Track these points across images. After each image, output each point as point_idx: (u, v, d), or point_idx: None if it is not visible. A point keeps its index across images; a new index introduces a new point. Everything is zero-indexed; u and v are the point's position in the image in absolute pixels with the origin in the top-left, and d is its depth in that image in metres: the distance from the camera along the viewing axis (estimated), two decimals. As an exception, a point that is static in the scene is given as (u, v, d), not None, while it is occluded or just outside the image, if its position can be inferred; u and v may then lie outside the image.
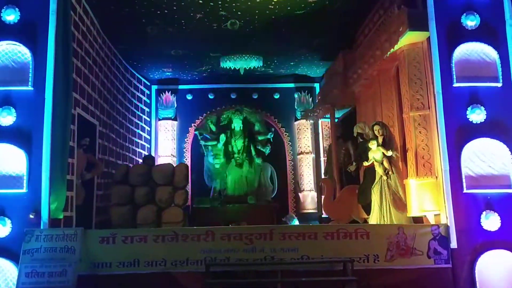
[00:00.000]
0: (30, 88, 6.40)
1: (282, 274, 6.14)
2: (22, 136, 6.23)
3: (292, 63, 11.94)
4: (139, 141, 12.18)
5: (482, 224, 6.35)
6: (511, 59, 6.79)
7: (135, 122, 11.96)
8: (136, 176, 8.69)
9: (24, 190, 6.14)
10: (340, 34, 9.88)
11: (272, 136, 12.72)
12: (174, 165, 9.35)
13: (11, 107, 6.31)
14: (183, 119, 13.16)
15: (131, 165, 10.44)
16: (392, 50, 7.72)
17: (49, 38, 6.48)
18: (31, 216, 6.12)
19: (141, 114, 12.47)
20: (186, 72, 12.42)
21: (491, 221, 6.32)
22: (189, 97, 13.20)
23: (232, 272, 6.17)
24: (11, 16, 6.53)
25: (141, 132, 12.37)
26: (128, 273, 6.13)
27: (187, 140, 13.11)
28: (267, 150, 12.48)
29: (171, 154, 12.72)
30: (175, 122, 13.08)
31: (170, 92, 13.03)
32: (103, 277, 6.08)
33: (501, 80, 6.70)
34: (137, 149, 11.98)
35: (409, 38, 7.30)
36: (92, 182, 8.77)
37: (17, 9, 6.53)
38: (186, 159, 12.82)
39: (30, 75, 6.39)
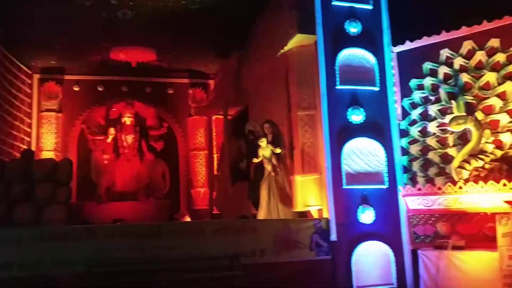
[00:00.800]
0: None
1: (170, 272, 6.05)
2: None
3: (186, 58, 11.83)
4: (17, 134, 11.21)
5: (359, 217, 6.83)
6: (387, 65, 7.39)
7: (14, 114, 10.98)
8: (13, 171, 8.00)
9: None
10: (234, 31, 9.99)
11: (164, 131, 12.48)
12: (57, 161, 8.76)
13: None
14: (69, 111, 12.35)
15: (7, 159, 9.57)
16: (282, 51, 8.00)
17: None
18: None
19: (20, 105, 11.47)
20: (73, 61, 11.71)
21: (366, 215, 6.83)
22: (76, 88, 12.42)
23: (116, 272, 5.93)
24: None
25: (20, 125, 11.37)
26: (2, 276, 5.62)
27: (72, 134, 12.31)
28: (159, 146, 12.22)
29: (55, 149, 11.88)
30: (60, 115, 12.23)
31: (54, 82, 12.15)
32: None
33: (378, 84, 7.26)
34: (15, 143, 11.01)
35: (298, 40, 7.63)
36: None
37: None
38: (71, 154, 12.04)
39: None
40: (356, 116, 7.09)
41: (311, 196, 7.47)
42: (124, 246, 6.07)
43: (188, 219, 11.30)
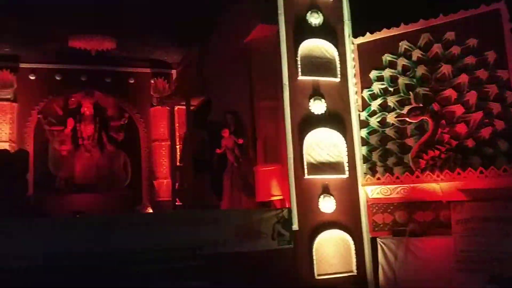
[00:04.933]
0: None
1: (130, 263, 5.97)
2: None
3: (148, 48, 11.58)
4: (-31, 124, 10.74)
5: (319, 207, 6.93)
6: (348, 56, 7.49)
7: (-36, 103, 10.50)
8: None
9: None
10: (196, 21, 9.84)
11: (125, 122, 12.24)
12: (12, 151, 8.47)
13: None
14: (25, 101, 11.86)
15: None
16: (244, 41, 7.96)
17: None
18: None
19: (-28, 94, 10.98)
20: (29, 49, 11.24)
21: (327, 204, 6.94)
22: (32, 77, 11.96)
23: (74, 266, 5.79)
24: None
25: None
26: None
27: (28, 124, 11.86)
28: (120, 137, 11.98)
29: (9, 140, 11.42)
30: (15, 104, 11.75)
31: (9, 70, 11.65)
32: None
33: (339, 75, 7.34)
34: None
35: (260, 30, 7.60)
36: None
37: None
38: (27, 145, 11.62)
39: None
40: (318, 107, 7.16)
41: (272, 186, 7.51)
42: (83, 239, 5.92)
43: (150, 210, 11.18)
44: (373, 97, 7.61)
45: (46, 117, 11.56)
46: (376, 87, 7.58)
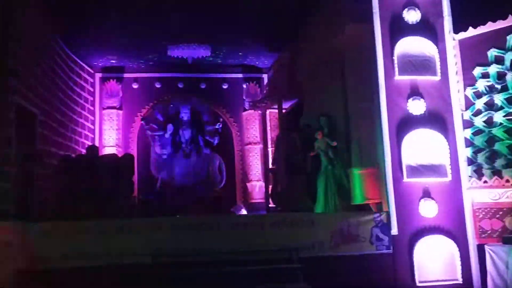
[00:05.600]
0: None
1: (230, 264, 6.17)
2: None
3: (240, 53, 11.92)
4: (82, 130, 11.75)
5: (420, 211, 6.65)
6: (448, 53, 7.12)
7: (78, 111, 11.52)
8: (79, 166, 8.41)
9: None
10: (287, 25, 9.94)
11: (220, 126, 12.69)
12: (119, 156, 9.12)
13: None
14: (129, 108, 12.82)
15: (73, 155, 10.07)
16: (337, 42, 7.89)
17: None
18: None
19: (84, 103, 12.01)
20: (132, 60, 12.10)
21: (428, 208, 6.63)
22: (135, 85, 12.86)
23: (179, 263, 6.12)
24: None
25: (84, 122, 11.93)
26: (71, 266, 5.94)
27: (132, 130, 12.78)
28: (215, 141, 12.44)
29: (116, 144, 12.37)
30: (120, 112, 12.72)
31: (115, 80, 12.65)
32: (43, 271, 5.85)
33: (439, 74, 7.00)
34: (80, 139, 11.55)
35: (353, 31, 7.47)
36: (31, 174, 8.38)
37: None
38: (131, 150, 12.50)
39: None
40: (416, 108, 6.89)
41: (369, 189, 7.34)
42: (186, 238, 6.24)
43: (244, 212, 11.45)
44: (478, 95, 7.14)
45: (148, 123, 12.33)
46: (481, 84, 7.10)
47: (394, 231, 6.61)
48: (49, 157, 9.30)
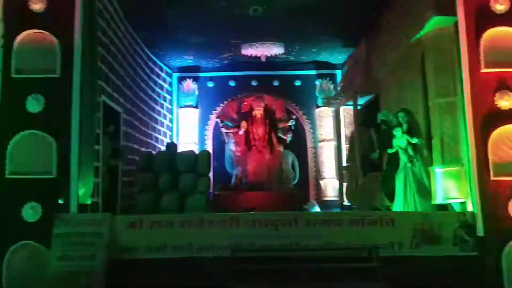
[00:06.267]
0: (57, 76, 6.49)
1: (307, 260, 6.18)
2: (50, 123, 6.33)
3: (313, 50, 11.83)
4: (161, 128, 12.28)
5: (510, 211, 6.26)
6: (539, 44, 6.63)
7: (157, 110, 12.05)
8: (160, 163, 8.77)
9: (54, 175, 6.27)
10: (363, 19, 9.73)
11: (293, 123, 12.70)
12: (197, 152, 9.41)
13: (39, 95, 6.41)
14: (204, 106, 13.21)
15: (154, 152, 10.55)
16: (417, 35, 7.62)
17: (76, 26, 6.55)
18: (60, 201, 6.25)
19: (163, 102, 12.55)
20: (207, 59, 12.42)
21: (518, 209, 6.23)
22: (210, 84, 13.22)
23: (256, 257, 6.23)
24: (38, 5, 6.60)
25: (163, 120, 12.46)
26: (155, 257, 6.24)
27: (208, 127, 13.16)
28: (288, 138, 12.48)
29: (193, 142, 12.80)
30: (197, 110, 13.14)
31: (191, 79, 13.08)
32: (130, 261, 6.20)
33: (531, 65, 6.55)
34: (159, 136, 12.08)
35: (435, 23, 7.18)
36: (117, 169, 8.89)
37: (44, -3, 6.61)
38: (207, 147, 12.88)
39: (58, 63, 6.47)
40: (504, 102, 6.50)
41: (452, 188, 7.01)
42: (264, 233, 6.33)
43: (318, 209, 11.39)
44: None
45: (222, 121, 12.63)
46: None
47: (480, 232, 6.27)
48: (132, 154, 9.82)
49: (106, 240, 6.06)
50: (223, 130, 12.61)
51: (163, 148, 11.48)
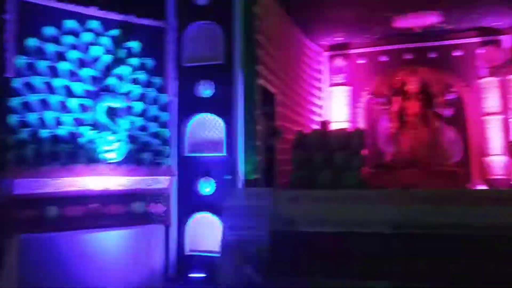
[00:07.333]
0: (221, 62, 7.08)
1: (471, 239, 5.85)
2: (219, 106, 6.98)
3: (475, 15, 10.83)
4: (312, 107, 12.52)
5: None
6: None
7: (308, 90, 12.30)
8: (314, 141, 9.00)
9: (224, 154, 6.92)
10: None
11: (452, 97, 11.86)
12: (349, 131, 9.42)
13: (209, 81, 7.08)
14: (356, 83, 13.07)
15: (307, 131, 10.83)
16: None
17: (236, 15, 7.06)
18: (227, 177, 6.89)
19: (314, 81, 12.75)
20: (357, 35, 12.23)
21: None
22: (361, 61, 13.02)
23: (417, 235, 6.09)
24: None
25: (315, 99, 12.68)
26: (315, 231, 6.51)
27: (360, 104, 13.01)
28: (447, 112, 11.71)
29: (345, 119, 12.80)
30: (348, 87, 13.07)
31: (341, 57, 13.04)
32: (292, 233, 6.57)
33: None
34: (311, 116, 12.34)
35: None
36: (273, 148, 9.37)
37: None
38: (359, 124, 12.76)
39: (222, 51, 7.06)
40: None
41: None
42: (425, 211, 6.16)
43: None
44: None
45: (374, 97, 12.36)
46: None
47: None
48: (287, 133, 10.24)
49: (270, 213, 6.51)
50: (375, 107, 12.35)
51: (315, 127, 11.70)
